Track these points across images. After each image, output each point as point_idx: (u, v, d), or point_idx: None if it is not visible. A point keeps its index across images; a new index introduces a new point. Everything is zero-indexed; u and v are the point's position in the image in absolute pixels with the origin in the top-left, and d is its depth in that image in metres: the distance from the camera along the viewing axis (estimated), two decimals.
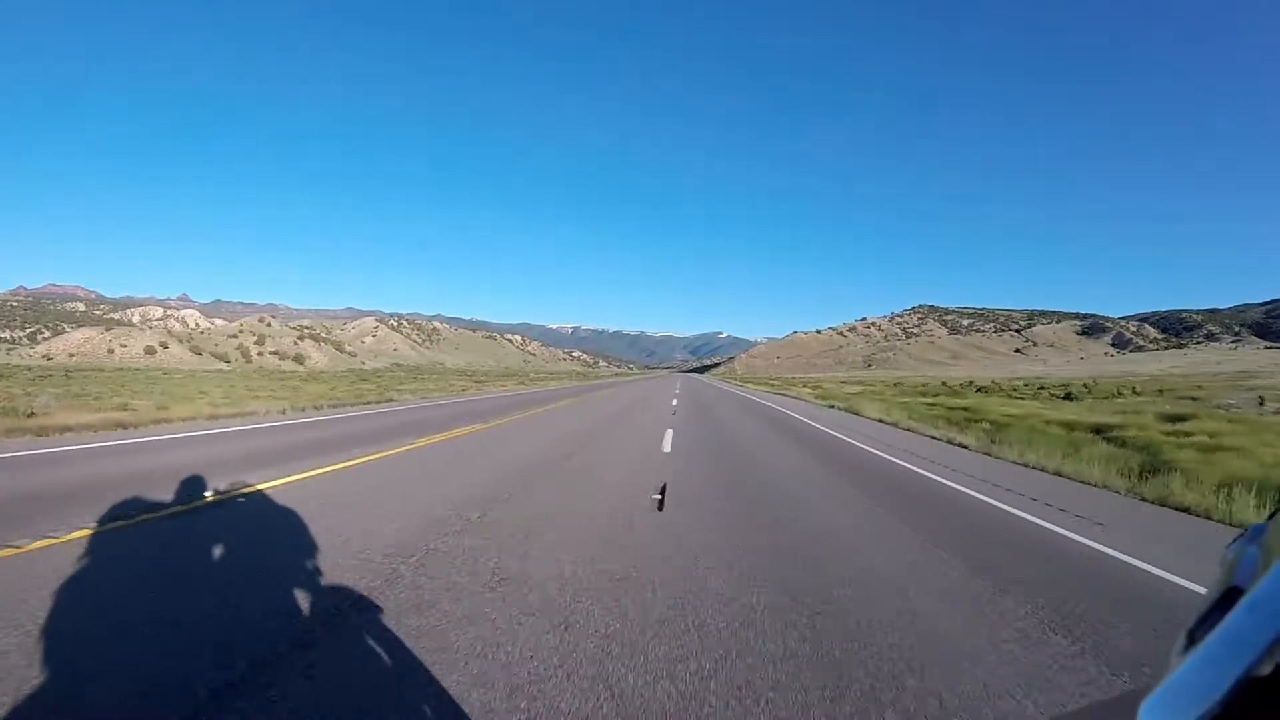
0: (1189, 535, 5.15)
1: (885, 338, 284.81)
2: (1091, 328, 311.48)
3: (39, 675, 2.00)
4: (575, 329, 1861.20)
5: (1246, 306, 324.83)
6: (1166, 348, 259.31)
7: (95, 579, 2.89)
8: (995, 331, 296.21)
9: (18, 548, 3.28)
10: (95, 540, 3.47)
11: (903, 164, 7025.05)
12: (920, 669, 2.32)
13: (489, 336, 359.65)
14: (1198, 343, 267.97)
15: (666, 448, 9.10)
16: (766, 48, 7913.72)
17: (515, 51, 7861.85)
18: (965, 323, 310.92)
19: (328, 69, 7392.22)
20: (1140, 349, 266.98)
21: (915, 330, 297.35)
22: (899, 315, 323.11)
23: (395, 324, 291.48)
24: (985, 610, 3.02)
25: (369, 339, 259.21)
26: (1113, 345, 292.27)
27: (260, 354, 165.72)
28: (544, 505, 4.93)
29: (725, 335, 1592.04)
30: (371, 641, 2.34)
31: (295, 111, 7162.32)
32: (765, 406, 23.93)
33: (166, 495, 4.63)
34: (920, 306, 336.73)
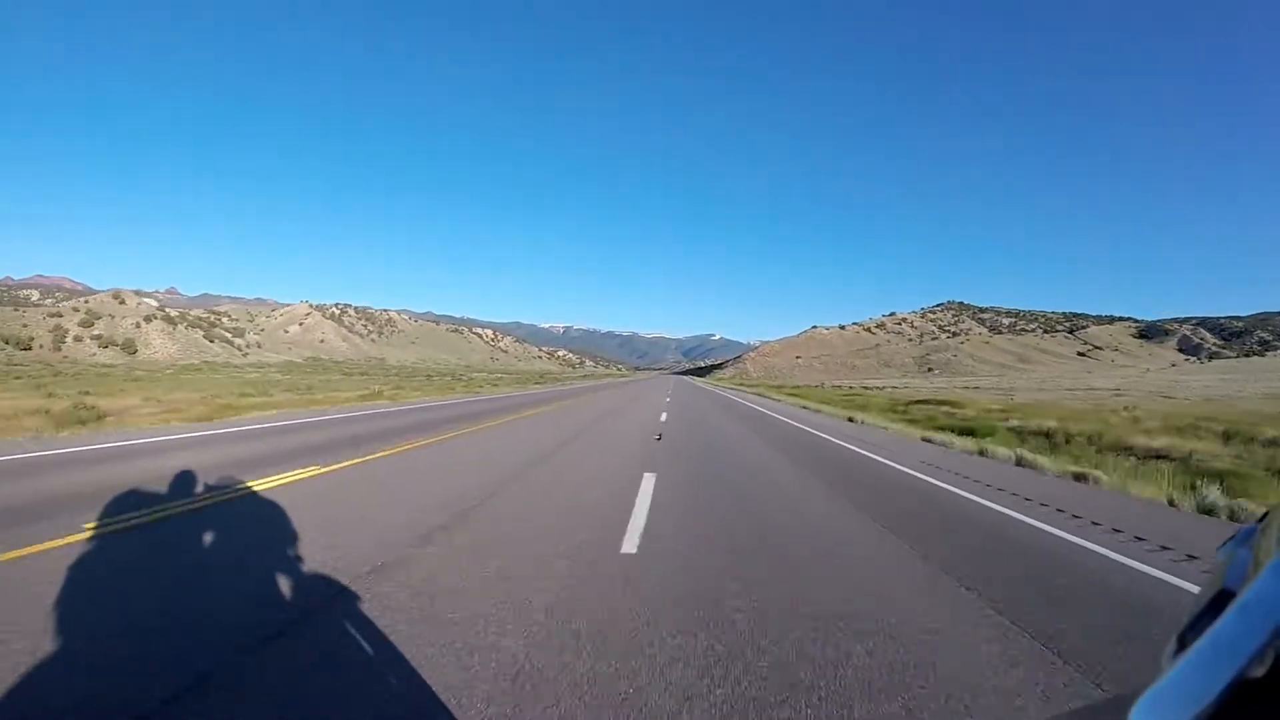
0: None
1: (922, 336, 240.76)
2: (1150, 330, 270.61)
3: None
4: (567, 329, 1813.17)
5: (1269, 315, 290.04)
6: (1245, 354, 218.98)
7: None
8: (1044, 333, 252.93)
9: None
10: None
11: (899, 161, 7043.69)
12: None
13: (455, 330, 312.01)
14: (1268, 350, 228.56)
15: None
16: (765, 44, 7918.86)
17: (510, 51, 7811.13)
18: (1006, 322, 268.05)
19: (326, 62, 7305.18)
20: (1215, 355, 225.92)
21: (953, 328, 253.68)
22: (930, 311, 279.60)
23: (336, 312, 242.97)
24: None
25: (293, 328, 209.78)
26: (1180, 350, 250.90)
27: (80, 339, 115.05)
28: None
29: (718, 337, 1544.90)
30: None
31: (292, 108, 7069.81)
32: None
33: None
34: (951, 303, 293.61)
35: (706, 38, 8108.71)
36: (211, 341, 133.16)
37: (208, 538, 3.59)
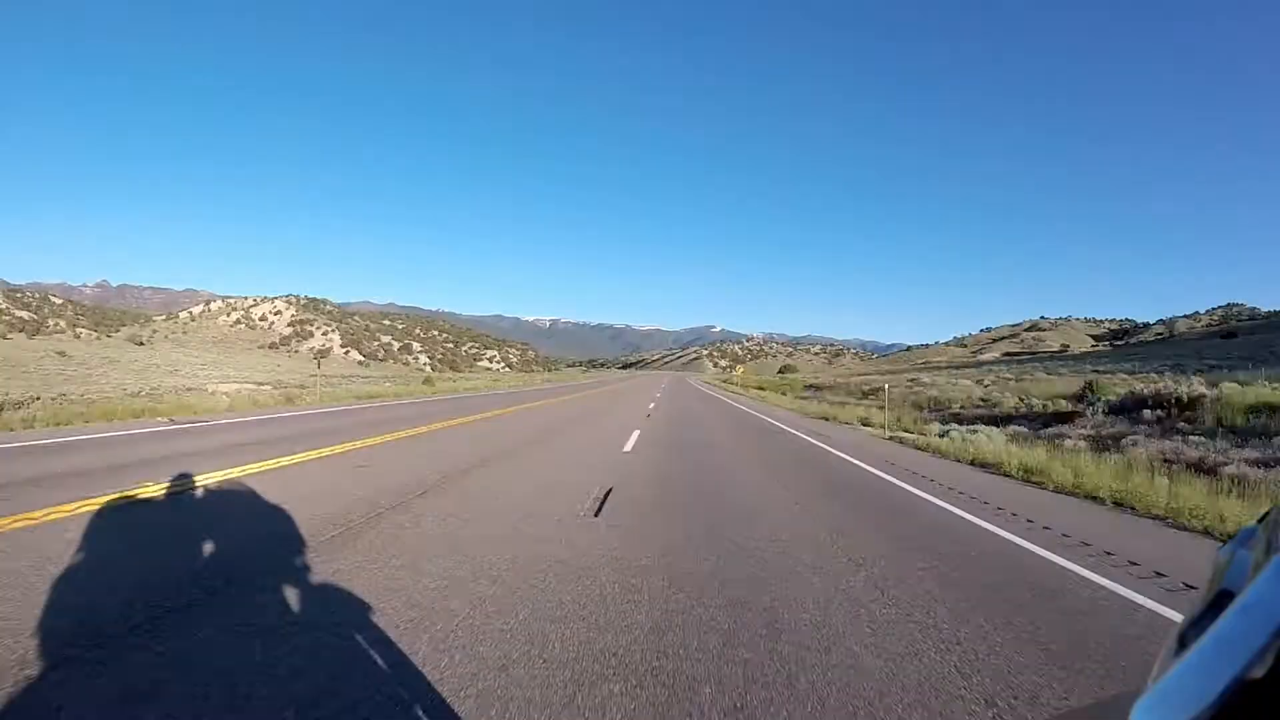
0: None
1: None
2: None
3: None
4: (554, 322, 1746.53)
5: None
6: None
7: None
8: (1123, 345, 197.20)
9: None
10: None
11: (915, 147, 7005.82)
12: None
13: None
14: None
15: None
16: (764, 33, 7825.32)
17: (500, 27, 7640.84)
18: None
19: (325, 54, 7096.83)
20: None
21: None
22: (1031, 326, 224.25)
23: (244, 305, 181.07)
24: None
25: (188, 322, 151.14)
26: None
27: None
28: None
29: (719, 329, 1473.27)
30: None
31: (272, 97, 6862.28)
32: None
33: None
34: (1044, 319, 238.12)
35: (701, 25, 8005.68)
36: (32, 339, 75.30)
37: None
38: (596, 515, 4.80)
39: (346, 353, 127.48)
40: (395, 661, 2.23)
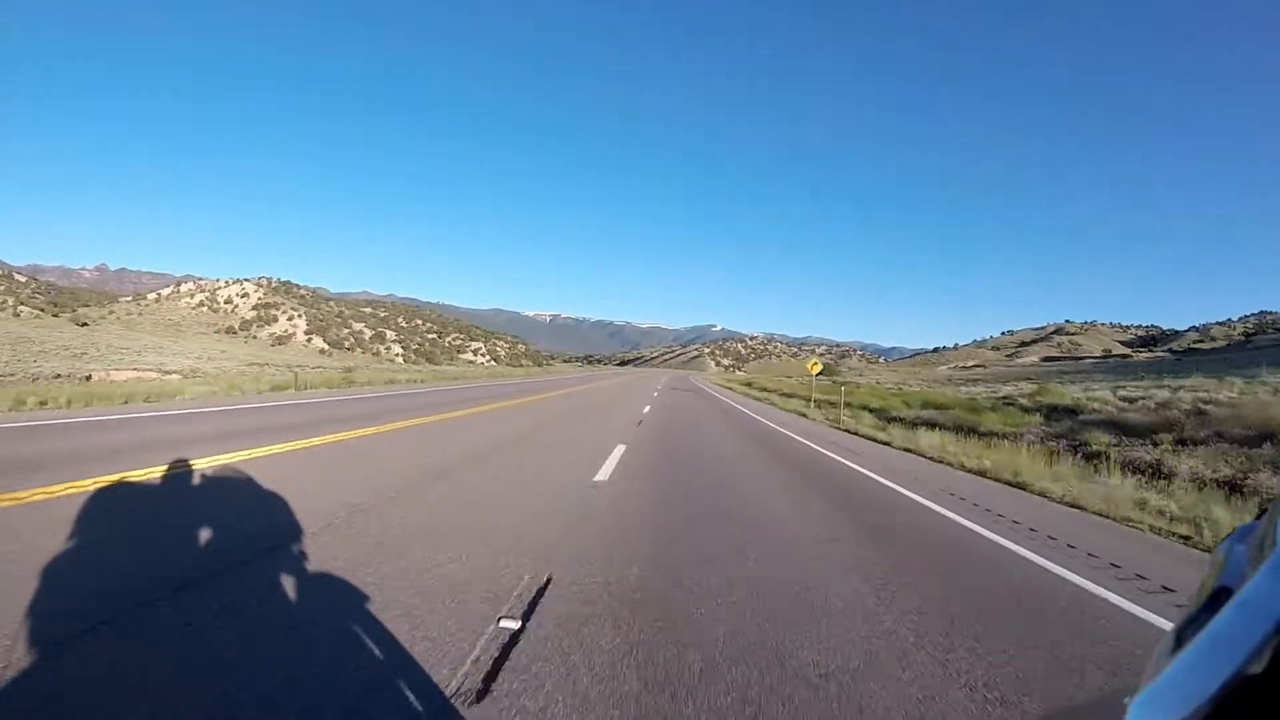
0: None
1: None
2: None
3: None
4: (554, 317, 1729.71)
5: None
6: None
7: None
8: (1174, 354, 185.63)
9: None
10: None
11: (916, 150, 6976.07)
12: None
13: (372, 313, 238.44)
14: None
15: None
16: (768, 29, 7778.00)
17: (498, 21, 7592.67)
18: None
19: (311, 45, 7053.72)
20: None
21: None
22: (1058, 330, 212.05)
23: (210, 287, 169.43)
24: None
25: (151, 306, 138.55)
26: None
27: None
28: None
29: (719, 328, 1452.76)
30: None
31: (293, 98, 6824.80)
32: None
33: None
34: (1069, 324, 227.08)
35: (708, 24, 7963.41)
36: None
37: None
38: None
39: (309, 340, 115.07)
40: None
